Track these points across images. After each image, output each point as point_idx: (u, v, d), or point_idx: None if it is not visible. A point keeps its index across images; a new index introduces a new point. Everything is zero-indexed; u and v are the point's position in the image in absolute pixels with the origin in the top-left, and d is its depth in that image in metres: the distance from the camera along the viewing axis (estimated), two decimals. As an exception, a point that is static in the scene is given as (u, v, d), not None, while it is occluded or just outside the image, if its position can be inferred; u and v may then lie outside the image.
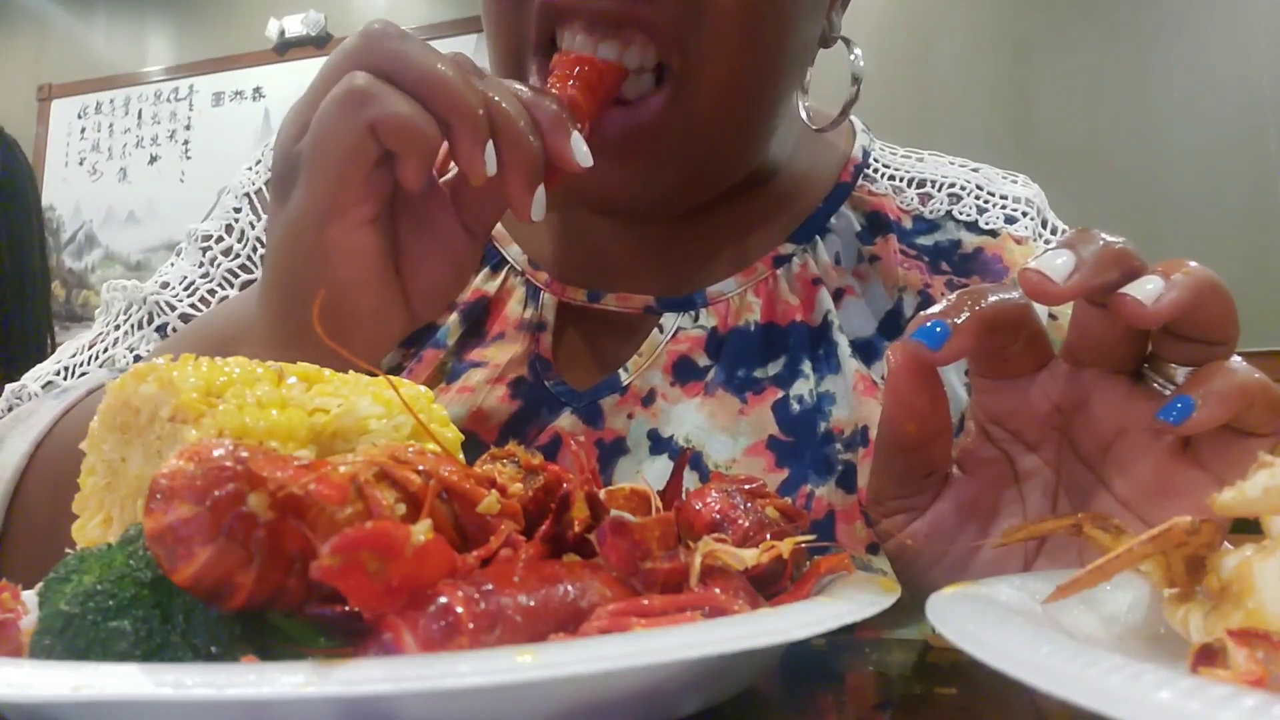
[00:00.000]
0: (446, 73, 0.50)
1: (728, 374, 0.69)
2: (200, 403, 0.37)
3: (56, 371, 0.75)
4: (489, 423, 0.68)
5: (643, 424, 0.68)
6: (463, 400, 0.68)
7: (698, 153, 0.65)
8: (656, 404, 0.69)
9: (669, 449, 0.67)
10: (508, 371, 0.69)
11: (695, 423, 0.67)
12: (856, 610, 0.33)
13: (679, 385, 0.70)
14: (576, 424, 0.68)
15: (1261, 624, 0.29)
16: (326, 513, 0.30)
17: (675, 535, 0.36)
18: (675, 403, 0.69)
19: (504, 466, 0.40)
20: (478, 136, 0.50)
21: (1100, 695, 0.22)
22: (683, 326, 0.71)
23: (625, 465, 0.67)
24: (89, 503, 0.42)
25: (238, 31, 4.01)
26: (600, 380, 0.70)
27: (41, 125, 4.23)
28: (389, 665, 0.25)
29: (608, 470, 0.67)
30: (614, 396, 0.69)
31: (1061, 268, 0.44)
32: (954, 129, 2.95)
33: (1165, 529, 0.33)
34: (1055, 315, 0.70)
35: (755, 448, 0.67)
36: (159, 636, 0.30)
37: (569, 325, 0.73)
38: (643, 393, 0.69)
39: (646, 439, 0.68)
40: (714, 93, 0.62)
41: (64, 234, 4.13)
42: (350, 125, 0.49)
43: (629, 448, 0.68)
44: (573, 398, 0.69)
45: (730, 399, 0.68)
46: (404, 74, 0.50)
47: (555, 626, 0.30)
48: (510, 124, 0.51)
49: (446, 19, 3.80)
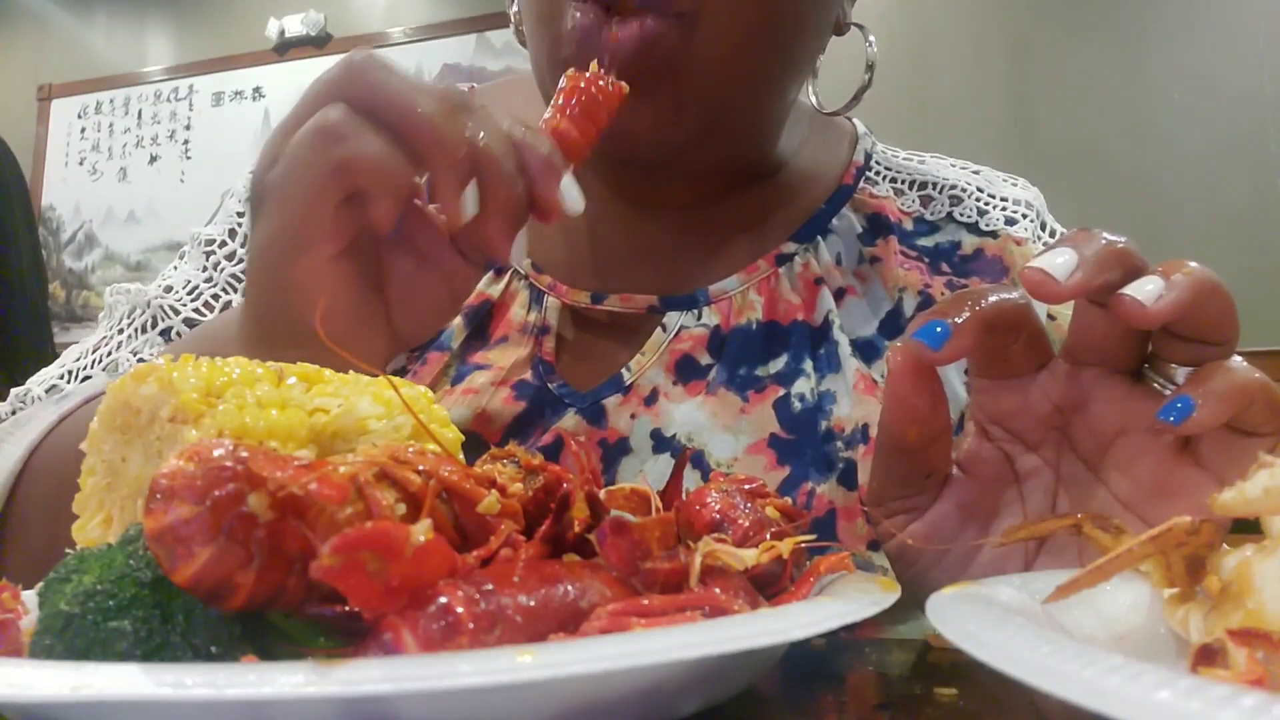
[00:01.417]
0: (428, 109, 0.47)
1: (729, 372, 0.69)
2: (200, 403, 0.37)
3: (61, 375, 0.75)
4: (493, 425, 0.68)
5: (645, 424, 0.68)
6: (467, 402, 0.68)
7: (719, 94, 0.66)
8: (659, 404, 0.69)
9: (671, 448, 0.67)
10: (511, 374, 0.70)
11: (697, 421, 0.68)
12: (856, 610, 0.33)
13: (681, 384, 0.70)
14: (580, 424, 0.68)
15: (1261, 624, 0.29)
16: (326, 513, 0.30)
17: (675, 535, 0.36)
18: (678, 402, 0.69)
19: (504, 466, 0.40)
20: (456, 178, 0.48)
21: (1100, 695, 0.22)
22: (685, 325, 0.71)
23: (629, 465, 0.67)
24: (89, 503, 0.42)
25: (238, 31, 4.01)
26: (603, 380, 0.70)
27: (41, 125, 4.23)
28: (389, 665, 0.25)
29: (611, 470, 0.67)
30: (617, 396, 0.69)
31: (1063, 266, 0.44)
32: (954, 129, 2.95)
33: (1165, 529, 0.33)
34: (1054, 315, 0.70)
35: (757, 446, 0.67)
36: (159, 636, 0.30)
37: (572, 328, 0.73)
38: (645, 392, 0.69)
39: (649, 439, 0.68)
40: (732, 36, 0.64)
41: (64, 234, 4.13)
42: (318, 162, 0.47)
43: (632, 447, 0.68)
44: (576, 398, 0.69)
45: (732, 397, 0.69)
46: (384, 109, 0.48)
47: (555, 626, 0.30)
48: (494, 167, 0.49)
49: (446, 19, 3.80)
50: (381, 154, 0.47)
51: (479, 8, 3.71)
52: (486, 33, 3.72)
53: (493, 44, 3.71)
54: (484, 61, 3.72)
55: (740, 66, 0.65)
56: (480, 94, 0.86)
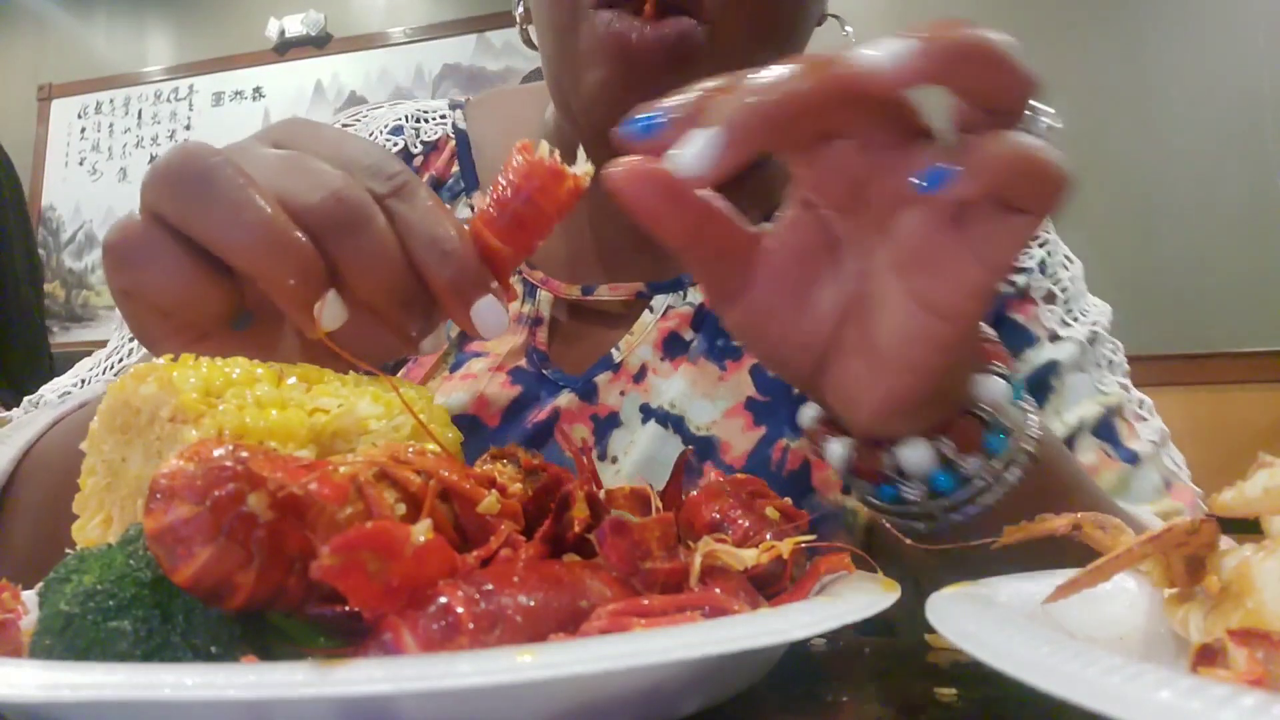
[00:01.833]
0: (254, 214, 0.39)
1: (709, 344, 0.73)
2: (200, 403, 0.37)
3: (74, 384, 0.77)
4: (491, 408, 0.71)
5: (635, 399, 0.72)
6: (466, 386, 0.71)
7: None
8: (648, 379, 0.72)
9: (656, 416, 0.71)
10: (507, 361, 0.73)
11: (679, 389, 0.71)
12: (856, 610, 0.33)
13: (668, 360, 0.73)
14: (573, 400, 0.71)
15: (1261, 624, 0.29)
16: (326, 513, 0.30)
17: (675, 535, 0.36)
18: (665, 377, 0.72)
19: (504, 466, 0.40)
20: (296, 299, 0.40)
21: (1100, 695, 0.22)
22: (672, 305, 0.75)
23: (619, 437, 0.71)
24: (89, 503, 0.42)
25: (238, 31, 4.01)
26: (594, 362, 0.74)
27: (41, 125, 4.23)
28: (389, 665, 0.25)
29: (603, 442, 0.71)
30: (608, 374, 0.72)
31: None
32: (954, 129, 2.95)
33: (1165, 529, 0.33)
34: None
35: (734, 409, 0.71)
36: (159, 636, 0.30)
37: (564, 318, 0.76)
38: (634, 369, 0.73)
39: (639, 412, 0.71)
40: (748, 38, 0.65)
41: (64, 234, 4.13)
42: (110, 283, 0.44)
43: (622, 421, 0.71)
44: (569, 381, 0.72)
45: (710, 366, 0.72)
46: (198, 221, 0.41)
47: (555, 626, 0.30)
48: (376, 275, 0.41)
49: (446, 19, 3.80)
50: (167, 281, 0.41)
51: (479, 8, 3.71)
52: (486, 33, 3.72)
53: (493, 44, 3.71)
54: (484, 61, 3.72)
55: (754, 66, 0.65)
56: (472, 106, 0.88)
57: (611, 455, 0.70)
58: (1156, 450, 0.72)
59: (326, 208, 0.41)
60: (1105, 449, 0.71)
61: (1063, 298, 0.77)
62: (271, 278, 0.40)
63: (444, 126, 0.86)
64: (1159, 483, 0.71)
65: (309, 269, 0.40)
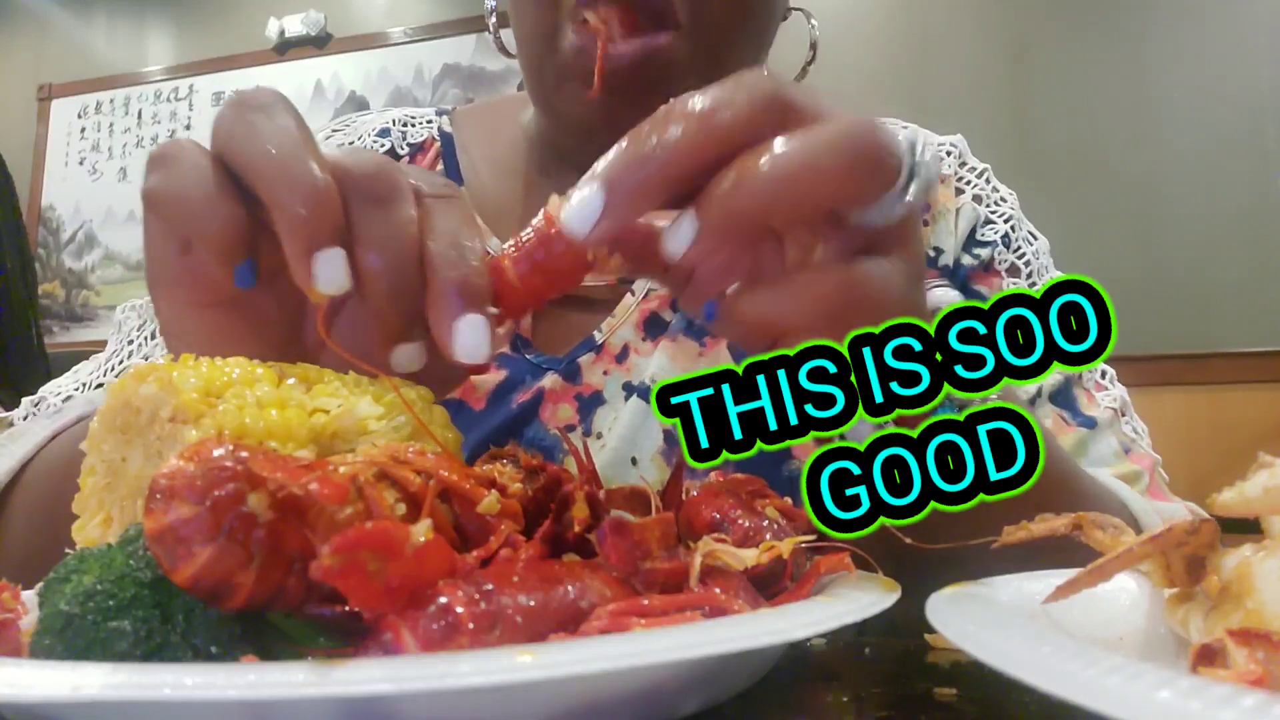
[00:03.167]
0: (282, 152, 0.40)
1: (688, 322, 0.75)
2: (200, 403, 0.37)
3: (75, 387, 0.77)
4: (478, 391, 0.73)
5: (618, 378, 0.74)
6: None
7: None
8: (630, 359, 0.74)
9: (638, 391, 0.73)
10: None
11: (659, 365, 0.73)
12: (856, 610, 0.33)
13: (649, 339, 0.75)
14: (558, 381, 0.73)
15: (1261, 624, 0.29)
16: (326, 513, 0.30)
17: (675, 535, 0.36)
18: (646, 356, 0.74)
19: (504, 466, 0.40)
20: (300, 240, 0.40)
21: (1100, 695, 0.22)
22: (653, 288, 0.77)
23: (603, 414, 0.73)
24: (89, 503, 0.42)
25: (238, 31, 4.01)
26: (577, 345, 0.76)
27: (41, 125, 4.23)
28: (389, 665, 0.25)
29: (588, 420, 0.73)
30: (590, 354, 0.74)
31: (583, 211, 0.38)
32: (954, 129, 2.95)
33: (1165, 529, 0.33)
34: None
35: None
36: (159, 636, 0.30)
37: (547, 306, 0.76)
38: (616, 349, 0.75)
39: (621, 390, 0.73)
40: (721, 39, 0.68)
41: (64, 234, 4.13)
42: (144, 190, 0.44)
43: (606, 399, 0.73)
44: (553, 363, 0.74)
45: (690, 343, 0.74)
46: (240, 138, 0.42)
47: (555, 626, 0.30)
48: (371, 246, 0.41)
49: (446, 19, 3.80)
50: (190, 185, 0.42)
51: (479, 8, 3.69)
52: (486, 33, 3.72)
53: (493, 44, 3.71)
54: (484, 62, 3.72)
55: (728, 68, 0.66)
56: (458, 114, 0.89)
57: (596, 432, 0.72)
58: (1115, 417, 0.74)
59: (364, 171, 0.42)
60: (1063, 415, 0.73)
61: (1026, 270, 0.79)
62: (284, 203, 0.40)
63: (430, 130, 0.88)
64: (1116, 447, 0.73)
65: (322, 207, 0.40)
